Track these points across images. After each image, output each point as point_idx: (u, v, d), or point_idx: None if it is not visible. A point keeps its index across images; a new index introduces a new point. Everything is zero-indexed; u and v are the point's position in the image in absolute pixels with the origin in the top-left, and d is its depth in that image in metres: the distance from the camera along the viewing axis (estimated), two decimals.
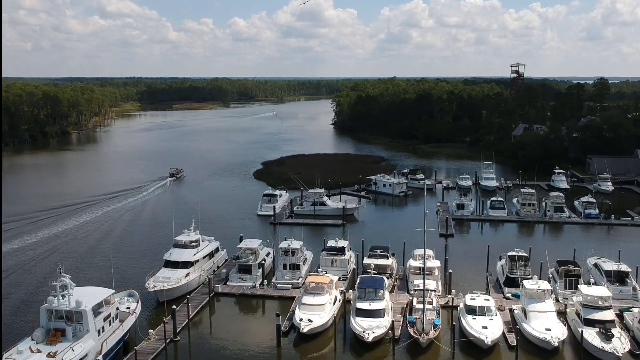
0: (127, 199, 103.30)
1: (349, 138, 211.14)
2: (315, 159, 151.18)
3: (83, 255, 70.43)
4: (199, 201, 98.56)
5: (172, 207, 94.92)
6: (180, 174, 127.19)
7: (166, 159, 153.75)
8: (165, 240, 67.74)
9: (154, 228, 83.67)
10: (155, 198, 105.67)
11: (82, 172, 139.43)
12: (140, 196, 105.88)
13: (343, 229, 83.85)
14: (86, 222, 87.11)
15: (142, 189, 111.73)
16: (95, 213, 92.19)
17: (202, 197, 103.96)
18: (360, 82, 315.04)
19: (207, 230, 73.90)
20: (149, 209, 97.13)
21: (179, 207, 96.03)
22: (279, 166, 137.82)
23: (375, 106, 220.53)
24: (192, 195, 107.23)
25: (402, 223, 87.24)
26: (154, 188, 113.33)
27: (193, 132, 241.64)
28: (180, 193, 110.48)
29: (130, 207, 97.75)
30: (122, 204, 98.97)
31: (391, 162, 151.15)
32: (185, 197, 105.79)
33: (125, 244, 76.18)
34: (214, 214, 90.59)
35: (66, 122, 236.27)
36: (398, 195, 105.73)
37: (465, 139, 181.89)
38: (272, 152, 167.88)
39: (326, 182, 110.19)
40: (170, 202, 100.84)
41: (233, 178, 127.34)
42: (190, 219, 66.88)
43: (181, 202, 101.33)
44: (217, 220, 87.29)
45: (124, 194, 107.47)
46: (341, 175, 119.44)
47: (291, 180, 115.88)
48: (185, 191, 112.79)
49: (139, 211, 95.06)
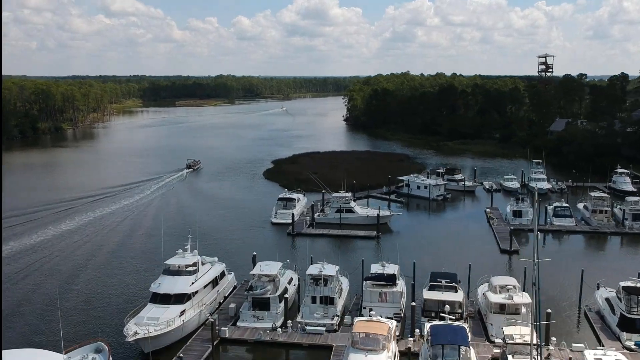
0: (120, 204, 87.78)
1: (364, 134, 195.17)
2: (331, 157, 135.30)
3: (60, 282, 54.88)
4: (199, 208, 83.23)
5: (167, 214, 79.63)
6: (197, 165, 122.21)
7: (166, 157, 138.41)
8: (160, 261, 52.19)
9: (150, 242, 67.94)
10: (158, 201, 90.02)
11: (68, 172, 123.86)
12: (142, 195, 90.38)
13: (377, 241, 68.20)
14: (70, 230, 71.58)
15: (135, 189, 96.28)
16: (84, 218, 76.69)
17: (203, 202, 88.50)
18: (373, 77, 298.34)
19: (208, 246, 58.53)
20: (150, 213, 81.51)
21: (181, 210, 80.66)
22: (291, 165, 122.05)
23: (392, 100, 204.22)
24: (200, 198, 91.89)
25: (449, 235, 71.39)
26: (163, 183, 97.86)
27: (197, 128, 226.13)
28: (189, 192, 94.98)
29: (132, 209, 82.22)
30: (118, 207, 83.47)
31: (416, 160, 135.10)
32: (195, 196, 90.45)
33: (112, 265, 60.34)
34: (217, 224, 75.05)
35: (61, 117, 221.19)
36: (435, 199, 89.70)
37: (494, 135, 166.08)
38: (283, 150, 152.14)
39: (350, 183, 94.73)
40: (166, 207, 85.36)
41: (240, 178, 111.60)
42: (189, 228, 51.51)
43: (183, 206, 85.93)
44: (222, 231, 71.66)
45: (109, 197, 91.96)
46: (364, 176, 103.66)
47: (308, 180, 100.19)
48: (201, 183, 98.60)
49: (138, 216, 79.50)
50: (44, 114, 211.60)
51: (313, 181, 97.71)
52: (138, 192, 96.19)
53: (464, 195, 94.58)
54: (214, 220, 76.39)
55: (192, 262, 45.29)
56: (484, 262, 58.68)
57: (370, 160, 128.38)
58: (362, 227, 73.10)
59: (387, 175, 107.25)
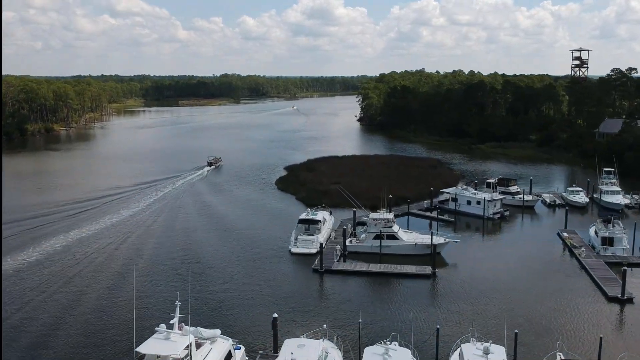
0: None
1: (381, 136, 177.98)
2: (351, 162, 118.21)
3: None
4: (196, 235, 66.44)
5: (150, 251, 63.00)
6: (218, 162, 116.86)
7: (162, 162, 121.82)
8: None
9: (117, 309, 51.09)
10: (143, 227, 73.21)
11: (41, 181, 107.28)
12: (125, 216, 73.70)
13: (433, 282, 51.22)
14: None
15: (120, 202, 79.55)
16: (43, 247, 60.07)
17: (201, 224, 71.42)
18: (387, 75, 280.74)
19: (206, 302, 42.01)
20: (126, 249, 64.69)
21: (169, 241, 64.05)
22: (308, 172, 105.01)
23: (412, 99, 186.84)
24: (197, 218, 75.04)
25: (525, 271, 54.16)
26: (156, 198, 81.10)
27: (200, 129, 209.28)
28: (184, 209, 78.04)
29: (111, 235, 65.52)
30: (95, 230, 66.79)
31: (449, 165, 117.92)
32: (191, 215, 73.57)
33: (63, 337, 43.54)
34: (219, 258, 57.99)
35: (54, 118, 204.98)
36: (492, 217, 72.49)
37: (528, 137, 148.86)
38: (296, 153, 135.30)
39: (382, 195, 77.99)
40: (150, 238, 68.69)
41: (249, 189, 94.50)
42: (179, 279, 35.02)
43: (172, 234, 69.26)
44: (225, 270, 54.50)
45: (85, 213, 75.31)
46: (395, 186, 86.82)
47: (329, 192, 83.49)
48: (201, 196, 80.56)
49: (112, 254, 62.73)
50: (36, 114, 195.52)
51: (336, 193, 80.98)
52: (124, 206, 79.56)
53: (522, 211, 77.41)
54: (215, 253, 59.26)
55: (181, 348, 28.05)
56: (592, 319, 42.56)
57: (397, 167, 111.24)
58: (408, 258, 56.21)
59: (420, 184, 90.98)
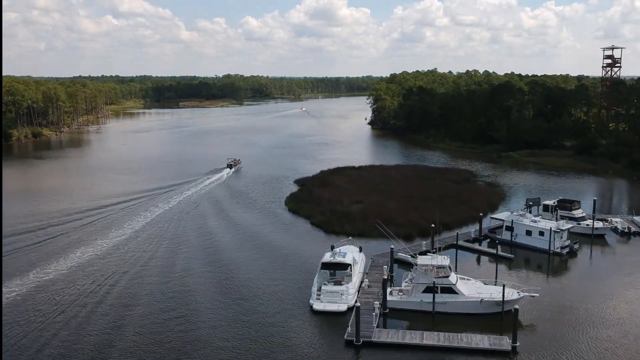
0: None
1: (398, 141, 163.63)
2: (371, 175, 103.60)
3: None
4: (185, 282, 51.97)
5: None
6: (237, 164, 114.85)
7: (155, 174, 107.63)
8: None
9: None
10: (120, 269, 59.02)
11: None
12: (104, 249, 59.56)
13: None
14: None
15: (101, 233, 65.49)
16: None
17: (195, 265, 57.03)
18: (399, 74, 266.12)
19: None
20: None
21: (148, 298, 49.81)
22: (322, 187, 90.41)
23: (430, 101, 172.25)
24: (190, 254, 60.76)
25: (632, 341, 39.70)
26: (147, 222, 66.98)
27: (201, 133, 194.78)
28: (174, 241, 63.83)
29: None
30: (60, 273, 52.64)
31: (484, 178, 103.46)
32: (182, 249, 59.32)
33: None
34: (212, 316, 43.81)
35: (45, 121, 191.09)
36: (559, 253, 57.96)
37: (563, 143, 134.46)
38: (307, 162, 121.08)
39: (422, 222, 64.19)
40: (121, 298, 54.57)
41: (253, 210, 79.25)
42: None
43: (151, 280, 55.12)
44: (218, 332, 40.38)
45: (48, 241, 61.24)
46: (429, 207, 72.65)
47: (351, 215, 69.29)
48: (197, 221, 66.26)
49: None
50: (25, 117, 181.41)
51: (359, 214, 66.95)
52: (99, 235, 65.44)
53: (592, 243, 62.81)
54: (209, 310, 45.10)
55: None
56: None
57: (424, 180, 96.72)
58: (471, 318, 41.92)
59: (458, 204, 76.97)
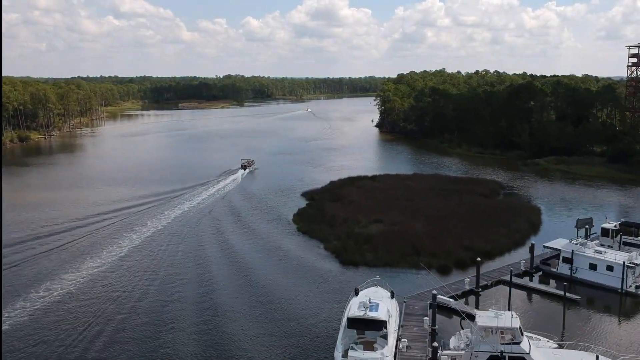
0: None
1: (410, 147, 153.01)
2: (388, 186, 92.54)
3: None
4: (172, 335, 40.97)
5: None
6: (251, 165, 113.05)
7: (143, 186, 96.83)
8: None
9: None
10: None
11: None
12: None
13: None
14: None
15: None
16: None
17: (180, 313, 46.26)
18: (407, 75, 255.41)
19: None
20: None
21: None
22: (334, 202, 79.72)
23: (444, 102, 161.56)
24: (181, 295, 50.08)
25: None
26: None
27: (201, 137, 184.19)
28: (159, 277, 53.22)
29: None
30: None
31: (512, 190, 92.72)
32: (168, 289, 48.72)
33: None
34: None
35: (34, 124, 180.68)
36: (634, 293, 47.16)
37: (592, 149, 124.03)
38: (314, 171, 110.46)
39: (458, 250, 53.84)
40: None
41: (256, 234, 67.01)
42: None
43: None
44: None
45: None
46: (461, 229, 62.26)
47: (372, 238, 58.76)
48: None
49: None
50: (14, 120, 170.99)
51: (382, 237, 56.43)
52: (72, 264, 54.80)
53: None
54: None
55: None
56: None
57: (449, 194, 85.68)
58: None
59: (492, 224, 66.26)
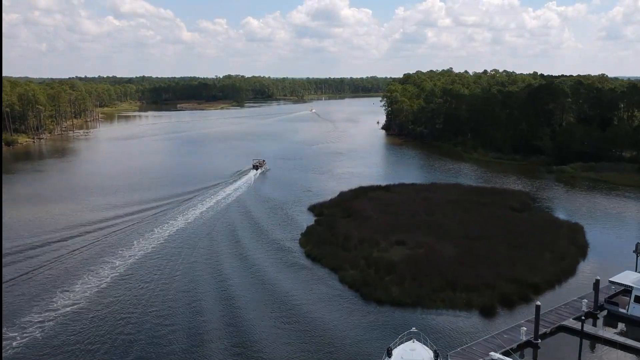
0: None
1: (421, 150, 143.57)
2: (405, 198, 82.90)
3: None
4: None
5: None
6: (263, 165, 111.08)
7: (130, 196, 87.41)
8: None
9: None
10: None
11: None
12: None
13: None
14: None
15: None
16: None
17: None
18: (413, 74, 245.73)
19: None
20: None
21: None
22: (346, 219, 70.32)
23: (457, 103, 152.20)
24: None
25: None
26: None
27: (199, 140, 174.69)
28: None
29: None
30: None
31: (544, 201, 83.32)
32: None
33: None
34: None
35: (23, 126, 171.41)
36: None
37: (619, 154, 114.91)
38: (321, 179, 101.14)
39: (500, 283, 44.56)
40: None
41: (250, 268, 57.31)
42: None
43: None
44: None
45: None
46: (499, 255, 53.28)
47: (396, 265, 49.50)
48: (217, 239, 46.18)
49: None
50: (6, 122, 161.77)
51: (406, 263, 47.20)
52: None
53: None
54: None
55: None
56: None
57: (475, 207, 76.02)
58: None
59: (535, 248, 57.06)
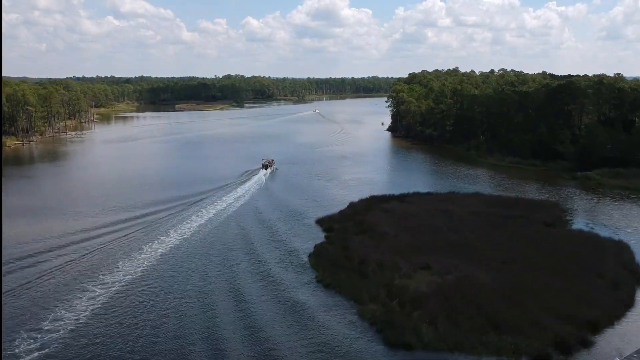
0: None
1: (432, 155, 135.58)
2: (422, 208, 74.99)
3: None
4: None
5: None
6: (272, 165, 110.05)
7: (117, 211, 79.35)
8: None
9: None
10: None
11: None
12: None
13: None
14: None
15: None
16: None
17: None
18: (419, 74, 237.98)
19: None
20: None
21: None
22: (360, 235, 62.42)
23: (470, 105, 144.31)
24: None
25: None
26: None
27: (197, 142, 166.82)
28: None
29: None
30: None
31: (576, 213, 75.48)
32: None
33: None
34: None
35: (12, 128, 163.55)
36: None
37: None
38: (329, 186, 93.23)
39: (551, 321, 36.53)
40: None
41: (251, 299, 50.20)
42: None
43: None
44: None
45: None
46: (542, 280, 45.21)
47: (421, 298, 41.65)
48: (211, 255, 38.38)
49: None
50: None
51: (441, 302, 39.47)
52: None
53: None
54: None
55: None
56: None
57: (504, 221, 68.30)
58: None
59: (581, 273, 49.41)
